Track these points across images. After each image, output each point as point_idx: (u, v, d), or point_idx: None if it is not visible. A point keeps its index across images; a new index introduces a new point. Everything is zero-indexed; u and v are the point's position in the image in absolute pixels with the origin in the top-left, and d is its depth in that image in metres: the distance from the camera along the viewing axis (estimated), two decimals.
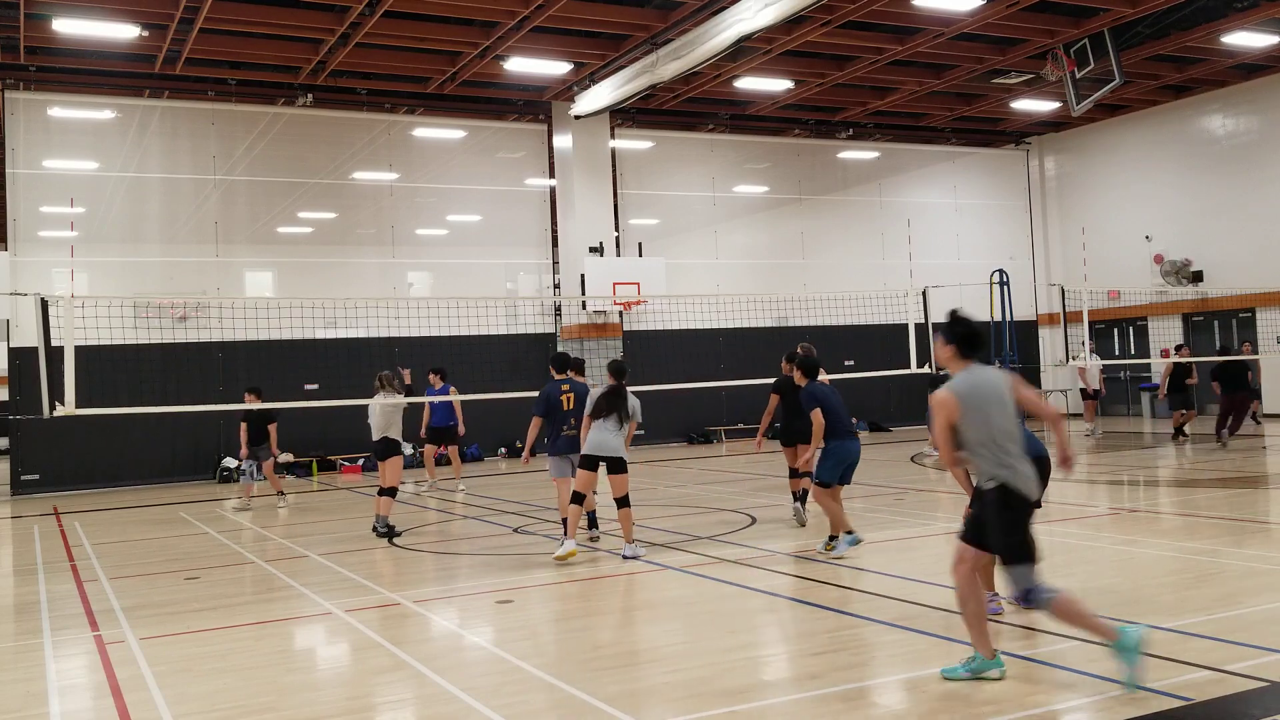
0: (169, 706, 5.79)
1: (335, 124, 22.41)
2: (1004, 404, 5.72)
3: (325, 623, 7.90)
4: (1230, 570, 8.19)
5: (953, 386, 5.74)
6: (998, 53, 21.10)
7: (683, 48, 17.60)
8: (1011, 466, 5.61)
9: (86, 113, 20.63)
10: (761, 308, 23.54)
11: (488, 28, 18.39)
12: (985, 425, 5.66)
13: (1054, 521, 10.98)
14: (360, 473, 20.84)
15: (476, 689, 5.87)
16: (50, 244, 20.24)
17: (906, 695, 5.57)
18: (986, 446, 5.65)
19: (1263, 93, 24.05)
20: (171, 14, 16.79)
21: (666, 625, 7.29)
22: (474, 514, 13.58)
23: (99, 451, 19.56)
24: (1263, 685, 5.31)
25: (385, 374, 12.37)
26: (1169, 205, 25.95)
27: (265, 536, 12.55)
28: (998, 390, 5.75)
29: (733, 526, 11.45)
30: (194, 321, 20.30)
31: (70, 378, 10.80)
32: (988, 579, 6.99)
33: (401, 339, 20.94)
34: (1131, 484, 14.58)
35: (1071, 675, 5.64)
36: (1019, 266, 27.94)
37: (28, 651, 7.27)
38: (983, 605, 5.78)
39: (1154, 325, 26.03)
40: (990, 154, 29.07)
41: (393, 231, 22.77)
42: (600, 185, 23.43)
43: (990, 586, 7.02)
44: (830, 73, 21.75)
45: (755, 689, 5.70)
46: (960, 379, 5.78)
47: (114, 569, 10.56)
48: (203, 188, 21.25)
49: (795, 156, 26.84)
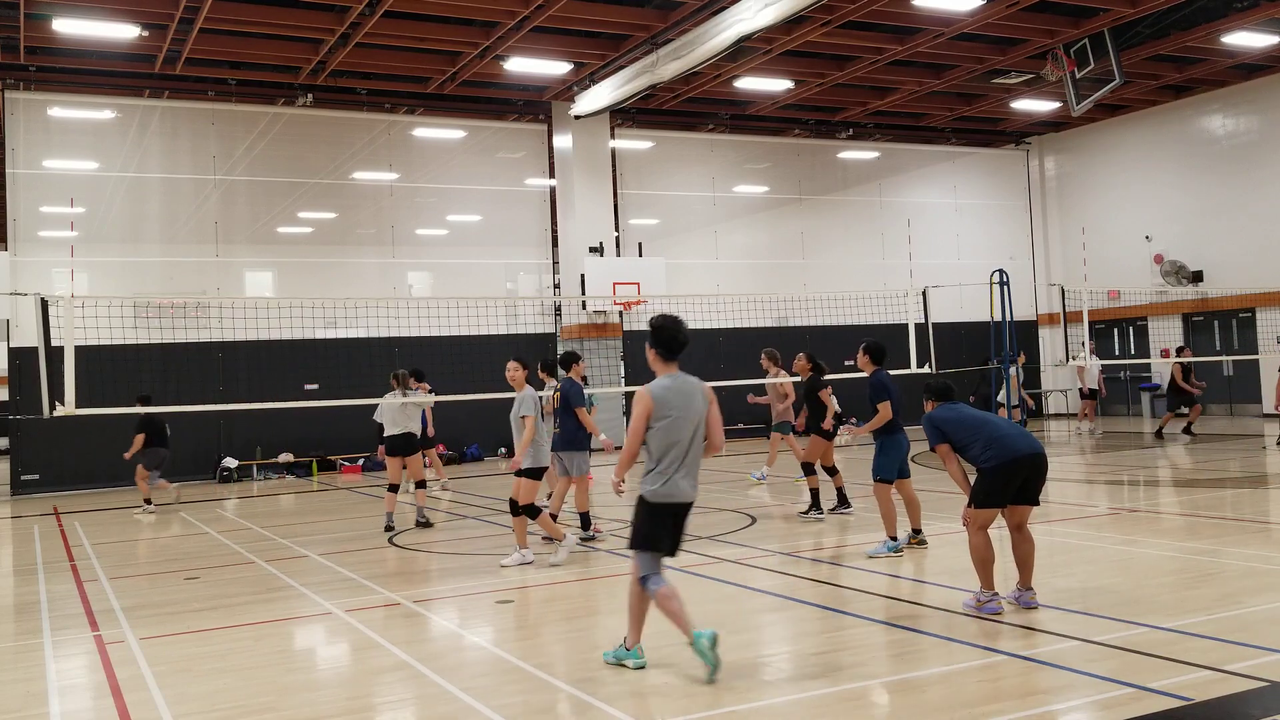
0: (169, 706, 5.79)
1: (335, 124, 22.41)
2: (693, 418, 6.07)
3: (325, 623, 7.90)
4: (1230, 570, 8.19)
5: (651, 387, 6.08)
6: (998, 53, 21.10)
7: (683, 48, 17.61)
8: (668, 477, 6.01)
9: (86, 113, 20.63)
10: (761, 308, 23.53)
11: (488, 28, 18.39)
12: (669, 433, 6.02)
13: (1054, 521, 10.99)
14: (360, 473, 20.84)
15: (476, 689, 5.86)
16: (50, 244, 20.25)
17: (906, 695, 5.56)
18: (665, 453, 6.03)
19: (1263, 93, 24.05)
20: (171, 14, 16.79)
21: (666, 625, 7.28)
22: (474, 514, 13.57)
23: (99, 451, 19.53)
24: (1263, 685, 5.31)
25: (400, 372, 12.88)
26: (1169, 205, 25.96)
27: (265, 536, 12.55)
28: (695, 402, 6.10)
29: (733, 526, 11.45)
30: (194, 321, 20.29)
31: (70, 378, 10.80)
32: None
33: (401, 339, 20.95)
34: (1131, 484, 14.58)
35: (1071, 675, 5.64)
36: (1019, 266, 27.94)
37: (28, 651, 7.27)
38: (643, 599, 6.11)
39: (1154, 325, 26.02)
40: (990, 154, 29.07)
41: (393, 231, 22.77)
42: (600, 185, 23.44)
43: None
44: (830, 73, 21.75)
45: (755, 689, 5.70)
46: (660, 383, 6.10)
47: (114, 569, 10.56)
48: (203, 188, 21.25)
49: (795, 156, 26.84)
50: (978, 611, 6.99)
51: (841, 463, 13.25)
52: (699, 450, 6.13)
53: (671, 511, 6.07)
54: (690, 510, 6.13)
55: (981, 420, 7.34)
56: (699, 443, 6.12)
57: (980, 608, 7.01)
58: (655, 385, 6.09)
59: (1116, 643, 6.16)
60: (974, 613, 6.98)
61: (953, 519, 11.36)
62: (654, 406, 6.03)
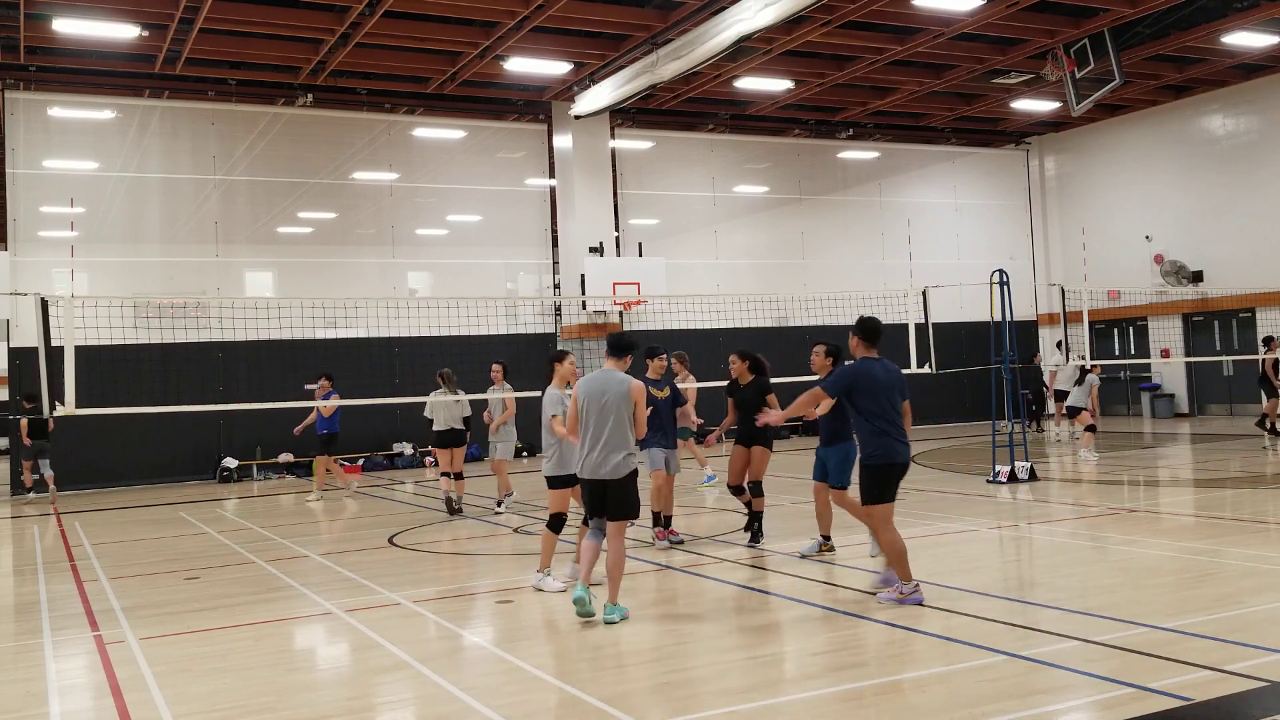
0: (169, 706, 5.79)
1: (335, 124, 22.40)
2: (605, 406, 7.38)
3: (325, 623, 7.90)
4: (1230, 570, 8.19)
5: (580, 381, 7.62)
6: (998, 53, 21.10)
7: (683, 48, 17.60)
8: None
9: (86, 113, 20.63)
10: (761, 308, 23.53)
11: (488, 28, 18.39)
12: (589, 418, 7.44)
13: (1054, 521, 10.99)
14: (360, 473, 20.84)
15: (476, 689, 5.86)
16: (50, 244, 20.24)
17: (906, 695, 5.56)
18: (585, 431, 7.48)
19: (1263, 93, 24.05)
20: (171, 14, 16.79)
21: (667, 625, 7.28)
22: (474, 514, 13.58)
23: (99, 451, 19.55)
24: (1263, 685, 5.31)
25: (445, 371, 13.74)
26: (1169, 205, 25.95)
27: (265, 536, 12.55)
28: (615, 392, 7.41)
29: (733, 526, 11.45)
30: (194, 321, 20.29)
31: (70, 378, 10.79)
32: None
33: (401, 339, 20.95)
34: (1131, 484, 14.58)
35: (1071, 675, 5.64)
36: (1019, 266, 27.95)
37: (28, 651, 7.27)
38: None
39: (1154, 325, 26.03)
40: (990, 154, 29.07)
41: (393, 231, 22.77)
42: (600, 185, 23.43)
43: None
44: (830, 73, 21.75)
45: (755, 689, 5.70)
46: (586, 377, 7.60)
47: (114, 569, 10.56)
48: (203, 188, 21.25)
49: (795, 156, 26.84)
50: (900, 603, 7.34)
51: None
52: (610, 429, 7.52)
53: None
54: None
55: (884, 402, 7.57)
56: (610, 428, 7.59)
57: (904, 599, 7.36)
58: (583, 380, 7.74)
59: (1116, 643, 6.16)
60: (895, 604, 7.34)
61: (953, 519, 11.38)
62: (580, 395, 7.61)
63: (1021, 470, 14.12)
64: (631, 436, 7.47)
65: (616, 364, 7.63)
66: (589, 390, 7.47)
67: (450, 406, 13.55)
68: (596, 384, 7.47)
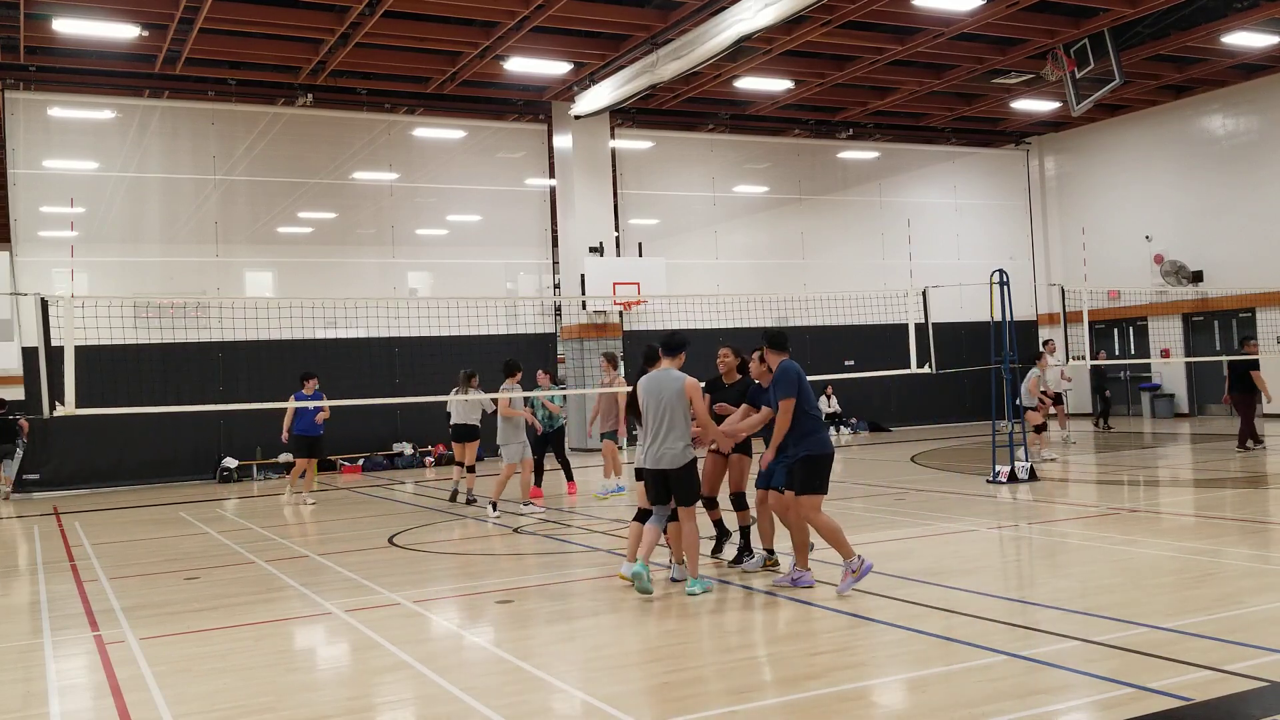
0: (169, 706, 5.79)
1: (335, 124, 22.40)
2: (662, 402, 8.04)
3: (325, 623, 7.90)
4: (1230, 570, 8.19)
5: (641, 380, 8.32)
6: (998, 53, 21.10)
7: (683, 48, 17.60)
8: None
9: (86, 113, 20.63)
10: (761, 308, 23.52)
11: (488, 28, 18.39)
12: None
13: (1054, 521, 10.99)
14: (360, 473, 20.84)
15: (476, 689, 5.86)
16: (50, 244, 20.24)
17: (906, 695, 5.56)
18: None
19: (1263, 93, 24.05)
20: (171, 14, 16.79)
21: (666, 625, 7.28)
22: (474, 514, 13.58)
23: (99, 451, 19.55)
24: (1263, 685, 5.31)
25: (466, 371, 14.50)
26: (1169, 205, 25.95)
27: (265, 536, 12.55)
28: (671, 390, 8.09)
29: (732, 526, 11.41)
30: (194, 321, 20.29)
31: (70, 378, 10.78)
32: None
33: (401, 339, 20.95)
34: (1131, 484, 14.58)
35: (1071, 675, 5.64)
36: (1019, 266, 27.94)
37: (28, 651, 7.27)
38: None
39: (1154, 325, 26.03)
40: (990, 154, 29.07)
41: (393, 231, 22.77)
42: (600, 185, 23.43)
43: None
44: (830, 73, 21.75)
45: (755, 689, 5.70)
46: (647, 376, 8.28)
47: (114, 569, 10.56)
48: (203, 188, 21.25)
49: (795, 156, 26.84)
50: (856, 578, 7.67)
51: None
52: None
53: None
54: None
55: (813, 397, 8.05)
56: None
57: (858, 573, 7.68)
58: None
59: (1116, 643, 6.15)
60: (851, 584, 7.68)
61: (953, 519, 11.38)
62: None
63: (1021, 470, 14.12)
64: (687, 429, 8.07)
65: (671, 362, 8.28)
66: (648, 388, 8.17)
67: (463, 403, 14.46)
68: (654, 383, 8.16)
